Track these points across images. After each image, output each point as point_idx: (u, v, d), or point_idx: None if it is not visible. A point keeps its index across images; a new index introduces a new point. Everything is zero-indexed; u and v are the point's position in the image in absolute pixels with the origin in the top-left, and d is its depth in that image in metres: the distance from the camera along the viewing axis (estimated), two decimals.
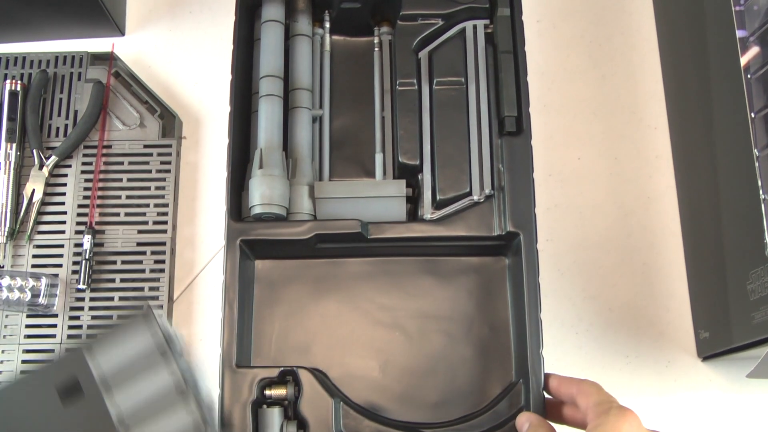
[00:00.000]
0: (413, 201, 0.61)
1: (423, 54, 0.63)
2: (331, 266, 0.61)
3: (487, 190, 0.58)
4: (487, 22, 0.63)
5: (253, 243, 0.58)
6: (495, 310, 0.60)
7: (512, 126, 0.59)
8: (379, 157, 0.63)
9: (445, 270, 0.61)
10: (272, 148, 0.59)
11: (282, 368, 0.55)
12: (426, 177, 0.60)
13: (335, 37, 0.68)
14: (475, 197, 0.58)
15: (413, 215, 0.61)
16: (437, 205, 0.59)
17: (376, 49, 0.66)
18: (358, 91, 0.66)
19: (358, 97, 0.66)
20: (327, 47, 0.66)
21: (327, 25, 0.66)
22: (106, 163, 0.69)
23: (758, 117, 0.55)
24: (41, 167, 0.68)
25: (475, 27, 0.63)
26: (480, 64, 0.62)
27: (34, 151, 0.68)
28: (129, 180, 0.69)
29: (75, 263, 0.66)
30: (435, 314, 0.60)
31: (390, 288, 0.61)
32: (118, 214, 0.68)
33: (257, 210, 0.57)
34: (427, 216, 0.59)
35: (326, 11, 0.66)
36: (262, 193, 0.57)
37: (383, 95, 0.65)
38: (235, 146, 0.59)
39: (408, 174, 0.61)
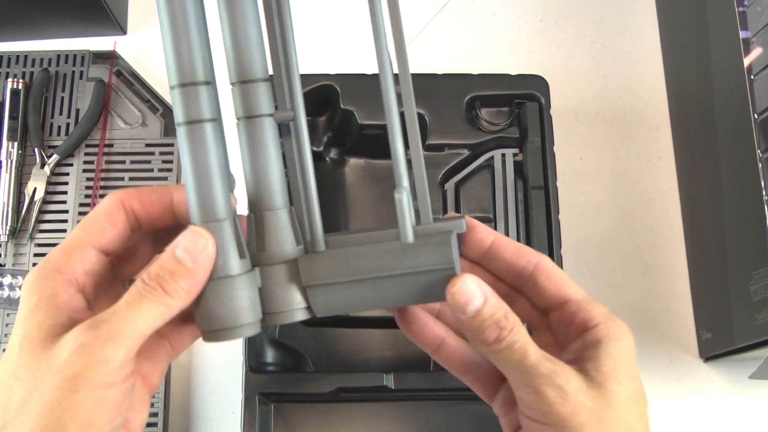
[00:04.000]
0: None
1: (449, 185, 0.61)
2: (353, 410, 0.60)
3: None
4: (516, 150, 0.62)
5: (272, 393, 0.56)
6: None
7: None
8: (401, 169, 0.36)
9: (476, 413, 0.59)
10: (217, 221, 0.34)
11: None
12: None
13: (354, 160, 0.64)
14: None
15: None
16: None
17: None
18: (378, 218, 0.63)
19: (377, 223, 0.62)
20: None
21: None
22: (107, 162, 0.69)
23: (761, 118, 0.55)
24: (43, 166, 0.68)
25: (503, 156, 0.62)
26: (509, 199, 0.61)
27: (36, 149, 0.68)
28: (131, 179, 0.69)
29: None
30: None
31: (416, 428, 0.59)
32: None
33: (212, 339, 0.35)
34: None
35: None
36: (213, 313, 0.34)
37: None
38: None
39: None
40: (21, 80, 0.70)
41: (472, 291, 0.32)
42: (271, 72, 0.36)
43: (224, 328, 0.34)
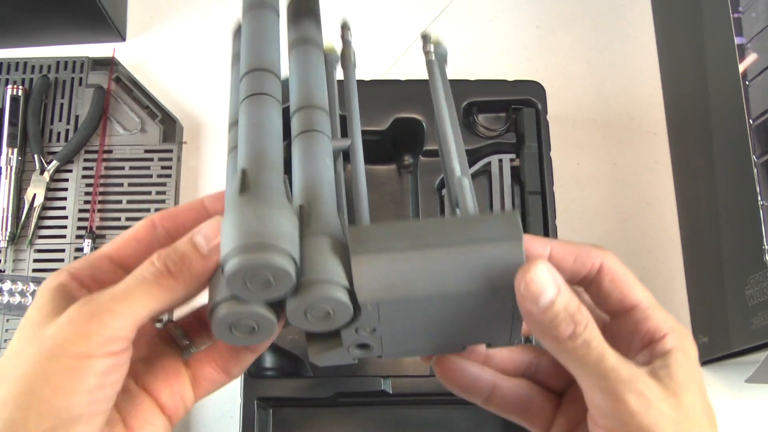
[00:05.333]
0: None
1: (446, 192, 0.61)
2: (351, 414, 0.60)
3: (515, 342, 0.57)
4: (513, 156, 0.62)
5: (270, 398, 0.56)
6: None
7: None
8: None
9: (474, 418, 0.59)
10: (264, 167, 0.31)
11: None
12: None
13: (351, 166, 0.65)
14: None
15: None
16: None
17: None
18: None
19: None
20: (352, 58, 0.43)
21: (349, 38, 0.44)
22: (106, 168, 0.69)
23: (756, 123, 0.55)
24: (42, 172, 0.68)
25: (500, 161, 0.62)
26: (506, 204, 0.61)
27: (35, 156, 0.69)
28: (130, 185, 0.69)
29: None
30: None
31: None
32: (118, 219, 0.68)
33: (235, 264, 0.27)
34: None
35: (345, 29, 0.45)
36: (248, 228, 0.28)
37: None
38: None
39: None
40: (21, 87, 0.70)
41: (547, 280, 0.28)
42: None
43: (258, 242, 0.28)
